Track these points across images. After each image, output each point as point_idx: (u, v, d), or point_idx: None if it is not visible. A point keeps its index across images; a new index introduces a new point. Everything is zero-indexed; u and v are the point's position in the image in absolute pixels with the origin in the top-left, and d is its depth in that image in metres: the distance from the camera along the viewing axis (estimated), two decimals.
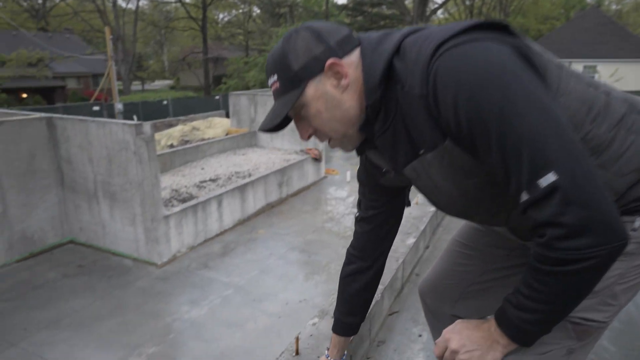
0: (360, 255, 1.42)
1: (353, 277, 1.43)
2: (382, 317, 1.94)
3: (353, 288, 1.43)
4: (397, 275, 2.13)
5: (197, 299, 6.12)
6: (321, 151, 11.28)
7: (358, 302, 1.46)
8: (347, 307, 1.45)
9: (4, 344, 5.15)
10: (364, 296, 1.46)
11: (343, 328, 1.47)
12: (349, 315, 1.46)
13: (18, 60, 22.33)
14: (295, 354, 1.45)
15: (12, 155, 6.74)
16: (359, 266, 1.42)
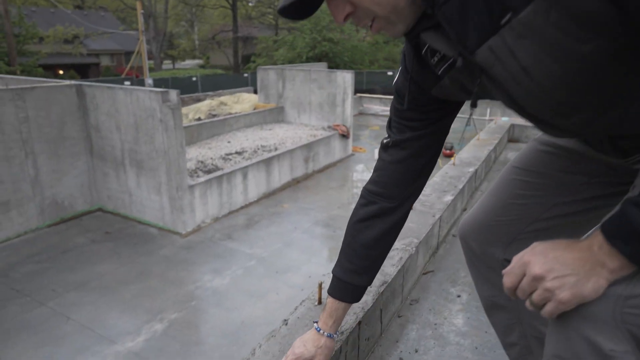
0: (385, 192, 1.07)
1: (370, 221, 1.07)
2: (415, 274, 1.73)
3: (367, 236, 1.07)
4: (433, 232, 1.91)
5: (220, 269, 6.07)
6: (349, 128, 11.02)
7: (370, 256, 1.09)
8: (354, 263, 1.09)
9: (34, 303, 5.25)
10: (379, 248, 1.10)
11: (345, 291, 1.10)
12: (355, 274, 1.09)
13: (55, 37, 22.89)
14: (318, 303, 1.26)
15: (43, 121, 6.80)
16: (381, 207, 1.07)
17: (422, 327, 1.53)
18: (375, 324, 1.41)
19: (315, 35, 22.14)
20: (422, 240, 1.74)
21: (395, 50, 27.02)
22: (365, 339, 1.35)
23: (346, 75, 10.77)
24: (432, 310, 1.62)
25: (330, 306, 1.11)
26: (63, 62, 23.78)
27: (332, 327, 1.10)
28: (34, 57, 19.57)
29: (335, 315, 1.10)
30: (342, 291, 1.10)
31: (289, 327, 1.23)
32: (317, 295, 1.34)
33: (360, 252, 1.08)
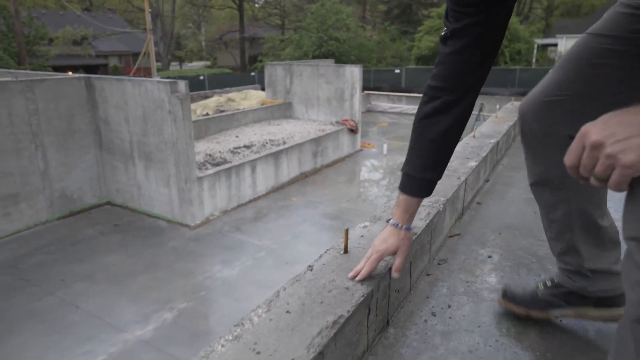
0: (446, 86, 1.06)
1: (434, 117, 1.07)
2: (442, 235, 1.64)
3: (433, 132, 1.08)
4: (459, 195, 1.82)
5: (229, 260, 6.00)
6: (357, 122, 10.92)
7: (438, 151, 1.10)
8: (423, 158, 1.10)
9: (43, 293, 5.20)
10: (446, 142, 1.10)
11: (416, 186, 1.13)
12: (425, 169, 1.11)
13: (64, 38, 23.09)
14: (344, 251, 1.17)
15: (52, 114, 6.78)
16: (443, 101, 1.06)
17: (452, 285, 1.43)
18: (405, 277, 1.32)
19: (321, 34, 22.10)
20: (449, 199, 1.65)
21: (402, 48, 26.91)
22: (395, 291, 1.25)
23: (354, 69, 10.68)
24: (462, 270, 1.52)
25: (404, 202, 1.14)
26: (72, 64, 23.95)
27: (408, 220, 1.14)
28: (43, 57, 19.73)
29: (410, 210, 1.14)
30: (415, 187, 1.13)
31: (314, 272, 1.14)
32: (343, 243, 1.24)
33: (428, 147, 1.09)
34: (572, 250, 1.17)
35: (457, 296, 1.37)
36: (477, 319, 1.26)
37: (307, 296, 1.03)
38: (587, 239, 1.16)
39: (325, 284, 1.08)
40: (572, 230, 1.16)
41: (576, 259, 1.17)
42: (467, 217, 1.97)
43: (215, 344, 0.88)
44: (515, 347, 1.15)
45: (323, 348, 0.87)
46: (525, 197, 2.26)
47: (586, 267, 1.16)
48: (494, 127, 3.02)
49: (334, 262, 1.20)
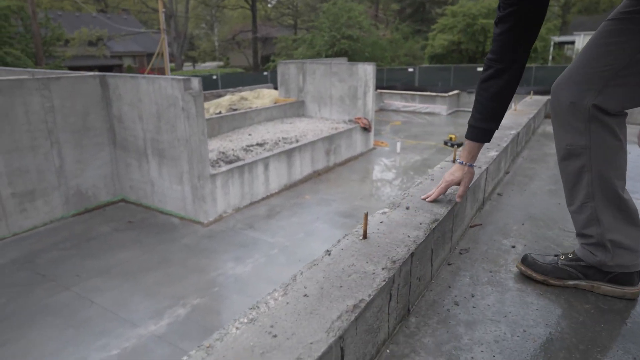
0: (497, 57, 1.35)
1: (489, 81, 1.37)
2: (464, 224, 1.58)
3: (489, 92, 1.39)
4: (480, 184, 1.75)
5: (242, 257, 5.98)
6: (370, 120, 10.84)
7: (494, 107, 1.41)
8: (483, 113, 1.42)
9: (59, 288, 5.25)
10: (500, 100, 1.40)
11: (477, 134, 1.45)
12: (483, 121, 1.43)
13: (80, 38, 23.42)
14: (363, 237, 1.12)
15: (67, 112, 6.85)
16: (495, 70, 1.35)
17: (475, 274, 1.37)
18: (426, 265, 1.26)
19: (334, 33, 22.03)
20: (470, 188, 1.58)
21: (415, 47, 26.68)
22: (417, 278, 1.20)
23: (367, 67, 10.60)
24: (485, 259, 1.46)
25: (469, 147, 1.47)
26: (87, 64, 24.28)
27: (472, 159, 1.48)
28: (59, 58, 20.01)
29: (472, 152, 1.47)
30: (477, 134, 1.45)
31: (333, 257, 1.09)
32: (363, 228, 1.19)
33: (486, 104, 1.40)
34: (594, 221, 1.26)
35: (480, 286, 1.31)
36: (503, 309, 1.20)
37: (326, 280, 0.98)
38: (609, 207, 1.24)
39: (345, 268, 1.03)
40: (595, 198, 1.25)
41: (598, 229, 1.25)
42: (488, 208, 1.90)
43: (229, 327, 0.84)
44: (545, 338, 1.09)
45: (344, 332, 0.82)
46: (548, 188, 2.18)
47: (607, 238, 1.23)
48: (514, 119, 2.93)
49: (353, 247, 1.15)
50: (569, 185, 1.31)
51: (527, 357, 1.03)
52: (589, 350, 1.05)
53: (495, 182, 2.12)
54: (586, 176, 1.25)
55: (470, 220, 1.72)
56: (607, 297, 1.26)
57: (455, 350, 1.05)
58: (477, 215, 1.81)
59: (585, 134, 1.23)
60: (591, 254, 1.27)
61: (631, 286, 1.25)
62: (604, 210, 1.24)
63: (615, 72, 1.17)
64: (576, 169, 1.27)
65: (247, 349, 0.77)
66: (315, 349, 0.77)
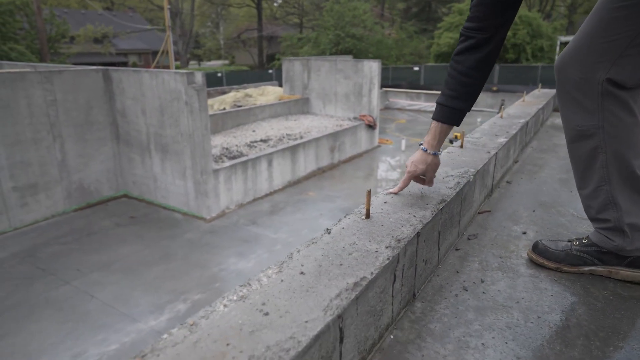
0: (479, 25, 1.17)
1: (467, 53, 1.20)
2: (472, 209, 1.50)
3: (465, 65, 1.20)
4: (489, 169, 1.67)
5: (245, 252, 5.92)
6: (375, 118, 10.75)
7: (468, 83, 1.22)
8: (455, 90, 1.23)
9: (59, 282, 5.21)
10: (477, 74, 1.21)
11: (446, 114, 1.25)
12: (456, 99, 1.23)
13: (85, 35, 23.49)
14: (365, 216, 1.04)
15: (70, 105, 6.82)
16: (476, 40, 1.18)
17: (485, 260, 1.29)
18: (433, 248, 1.18)
19: (338, 31, 21.95)
20: (479, 171, 1.50)
21: (421, 46, 26.53)
22: (423, 261, 1.12)
23: (373, 64, 10.52)
24: (494, 245, 1.38)
25: (434, 130, 1.26)
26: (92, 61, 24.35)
27: (436, 146, 1.26)
28: (64, 54, 20.06)
29: (438, 137, 1.26)
30: (446, 115, 1.25)
31: (333, 235, 1.01)
32: (365, 207, 1.12)
33: (459, 79, 1.22)
34: (611, 204, 1.17)
35: (490, 271, 1.23)
36: (515, 295, 1.12)
37: (324, 258, 0.91)
38: (626, 189, 1.15)
39: (345, 247, 0.96)
40: (610, 181, 1.16)
41: (615, 213, 1.16)
42: (496, 195, 1.82)
43: (217, 304, 0.76)
44: (561, 325, 1.01)
45: (342, 311, 0.75)
46: (559, 177, 2.09)
47: (625, 222, 1.15)
48: (523, 109, 2.84)
49: (355, 226, 1.07)
50: (580, 168, 1.21)
51: (542, 343, 0.95)
52: (609, 338, 0.97)
53: (505, 170, 2.03)
54: (600, 157, 1.15)
55: (478, 206, 1.64)
56: (626, 284, 1.18)
57: (464, 337, 0.97)
58: (485, 202, 1.73)
59: (597, 112, 1.13)
60: (607, 239, 1.18)
61: None
62: (621, 193, 1.15)
63: (631, 39, 1.04)
64: (588, 150, 1.17)
65: (234, 327, 0.69)
66: (310, 328, 0.69)
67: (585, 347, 0.94)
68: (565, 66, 1.17)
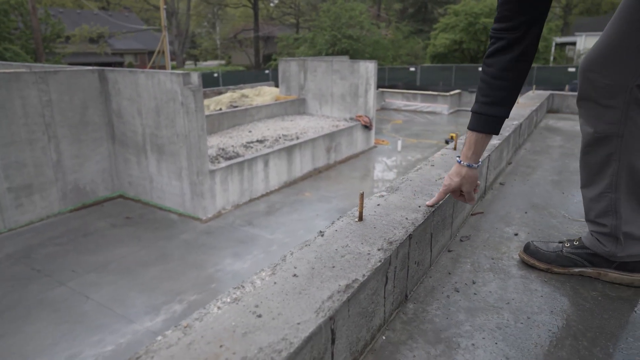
0: (508, 26, 1.07)
1: (497, 56, 1.09)
2: (465, 212, 1.52)
3: (496, 68, 1.09)
4: (481, 172, 1.69)
5: (241, 253, 5.92)
6: (371, 119, 10.78)
7: (504, 86, 1.10)
8: (489, 95, 1.11)
9: (54, 283, 5.20)
10: (511, 76, 1.09)
11: (483, 122, 1.13)
12: (491, 105, 1.11)
13: (81, 35, 23.40)
14: (358, 219, 1.06)
15: (65, 106, 6.80)
16: (507, 41, 1.07)
17: (477, 261, 1.31)
18: (425, 250, 1.20)
19: (335, 32, 21.97)
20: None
21: (417, 46, 26.60)
22: (415, 263, 1.13)
23: (369, 65, 10.54)
24: (486, 247, 1.40)
25: (469, 140, 1.16)
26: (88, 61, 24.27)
27: (472, 157, 1.15)
28: (59, 54, 19.98)
29: (474, 147, 1.15)
30: (482, 123, 1.13)
31: (326, 238, 1.03)
32: (358, 210, 1.13)
33: (493, 84, 1.10)
34: (612, 212, 1.17)
35: (482, 272, 1.25)
36: (506, 296, 1.14)
37: (317, 260, 0.92)
38: (630, 201, 1.15)
39: (338, 249, 0.97)
40: (617, 189, 1.15)
41: (614, 220, 1.16)
42: (489, 196, 1.84)
43: (211, 306, 0.78)
44: (550, 325, 1.02)
45: (334, 313, 0.76)
46: (551, 179, 2.12)
47: (622, 230, 1.15)
48: (517, 111, 2.87)
49: (348, 228, 1.09)
50: (590, 171, 1.20)
51: (531, 344, 0.97)
52: (597, 338, 0.99)
53: (498, 172, 2.06)
54: (613, 165, 1.14)
55: (471, 208, 1.66)
56: (614, 285, 1.20)
57: (455, 337, 0.99)
58: (478, 203, 1.75)
59: (620, 121, 1.10)
60: (600, 243, 1.20)
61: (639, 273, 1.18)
62: (625, 202, 1.15)
63: None
64: (602, 157, 1.15)
65: (228, 329, 0.71)
66: (302, 330, 0.71)
67: (573, 347, 0.96)
68: (591, 70, 1.13)
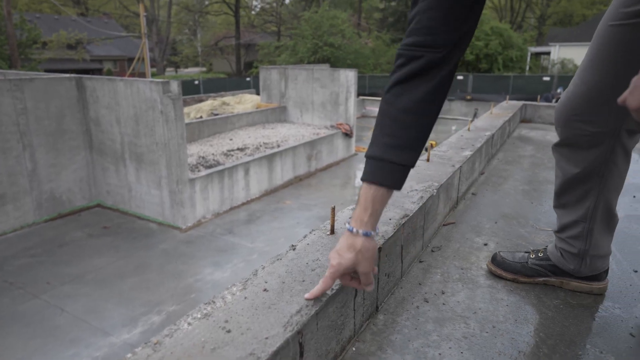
0: (428, 40, 0.82)
1: (412, 81, 0.84)
2: (436, 222, 1.56)
3: (410, 98, 0.84)
4: (453, 182, 1.74)
5: (221, 262, 5.88)
6: (352, 126, 10.88)
7: (413, 124, 0.85)
8: (394, 135, 0.85)
9: (27, 296, 5.06)
10: (424, 113, 0.85)
11: (384, 172, 0.85)
12: (395, 149, 0.85)
13: (58, 42, 22.97)
14: (330, 232, 1.08)
15: (42, 114, 6.67)
16: (427, 60, 0.82)
17: (447, 272, 1.35)
18: (396, 262, 1.23)
19: (316, 40, 22.15)
20: (442, 185, 1.57)
21: None
22: (385, 275, 1.17)
23: (349, 73, 10.65)
24: (457, 257, 1.44)
25: (365, 197, 0.87)
26: (65, 67, 23.83)
27: (368, 223, 0.85)
28: (35, 61, 19.57)
29: (371, 207, 0.85)
30: (380, 173, 0.86)
31: (297, 251, 1.05)
32: (330, 222, 1.16)
33: (401, 119, 0.85)
34: (583, 238, 1.19)
35: (451, 283, 1.29)
36: (473, 305, 1.18)
37: (288, 275, 0.94)
38: (603, 231, 1.20)
39: (309, 263, 1.00)
40: (592, 220, 1.18)
41: (584, 246, 1.20)
42: (461, 207, 1.89)
43: (181, 322, 0.79)
44: (513, 334, 1.07)
45: (302, 327, 0.78)
46: (522, 188, 2.19)
47: (591, 254, 1.20)
48: (490, 122, 2.96)
49: (320, 242, 1.11)
50: (567, 201, 1.21)
51: (495, 352, 1.01)
52: (556, 345, 1.03)
53: (470, 182, 2.12)
54: (591, 199, 1.16)
55: (443, 218, 1.70)
56: (576, 293, 1.26)
57: (423, 347, 1.02)
58: (450, 214, 1.80)
59: (602, 164, 1.11)
60: (564, 259, 1.23)
61: (598, 282, 1.25)
62: (597, 233, 1.19)
63: None
64: (581, 191, 1.16)
65: (197, 345, 0.72)
66: (270, 344, 0.72)
67: (534, 354, 1.00)
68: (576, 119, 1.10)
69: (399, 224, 1.23)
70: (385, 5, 32.57)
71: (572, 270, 1.23)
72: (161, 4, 30.12)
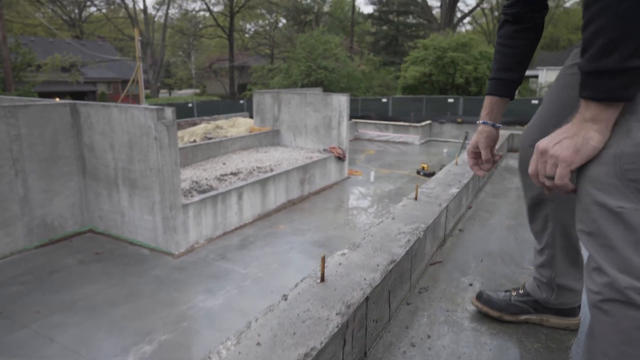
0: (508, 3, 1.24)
1: (504, 28, 1.28)
2: (424, 263, 1.61)
3: (504, 37, 1.27)
4: (440, 222, 1.81)
5: (213, 289, 5.85)
6: (345, 150, 11.00)
7: (510, 53, 1.27)
8: (503, 62, 1.28)
9: (16, 326, 4.99)
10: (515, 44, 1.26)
11: (494, 86, 1.29)
12: (505, 71, 1.28)
13: (53, 64, 23.12)
14: (320, 280, 1.14)
15: (35, 140, 6.70)
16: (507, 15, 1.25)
17: (433, 314, 1.40)
18: (384, 307, 1.28)
19: (310, 63, 22.52)
20: (429, 226, 1.63)
21: (389, 77, 27.50)
22: (373, 321, 1.21)
23: (341, 98, 10.84)
24: (443, 298, 1.49)
25: (486, 102, 1.30)
26: (60, 90, 23.92)
27: (488, 117, 1.29)
28: (29, 83, 19.66)
29: (489, 108, 1.29)
30: (494, 87, 1.29)
31: (289, 302, 1.10)
32: (320, 270, 1.21)
33: (503, 51, 1.27)
34: (548, 266, 1.32)
35: (437, 325, 1.34)
36: (457, 350, 1.23)
37: (280, 327, 0.99)
38: (564, 256, 1.30)
39: (299, 314, 1.05)
40: (553, 246, 1.30)
41: (550, 273, 1.31)
42: (449, 244, 1.96)
43: None
44: None
45: None
46: (507, 223, 2.26)
47: (556, 282, 1.31)
48: None
49: (310, 291, 1.16)
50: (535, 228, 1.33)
51: None
52: None
53: (457, 218, 2.19)
54: (550, 225, 1.28)
55: (430, 257, 1.76)
56: (556, 336, 1.31)
57: None
58: (438, 252, 1.86)
59: None
60: (539, 289, 1.35)
61: (573, 317, 1.35)
62: (559, 258, 1.29)
63: None
64: (541, 217, 1.29)
65: None
66: None
67: None
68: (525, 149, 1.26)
69: (386, 270, 1.28)
70: (377, 29, 33.33)
71: (544, 300, 1.33)
72: (156, 27, 30.55)
